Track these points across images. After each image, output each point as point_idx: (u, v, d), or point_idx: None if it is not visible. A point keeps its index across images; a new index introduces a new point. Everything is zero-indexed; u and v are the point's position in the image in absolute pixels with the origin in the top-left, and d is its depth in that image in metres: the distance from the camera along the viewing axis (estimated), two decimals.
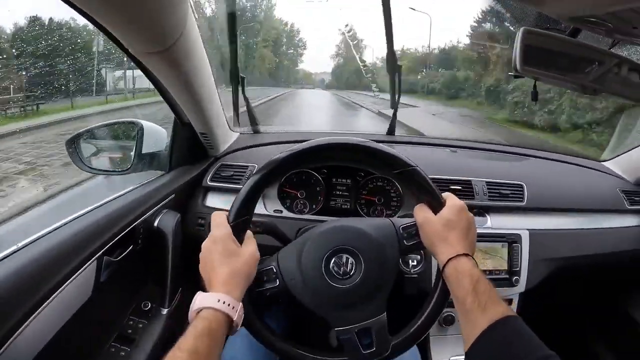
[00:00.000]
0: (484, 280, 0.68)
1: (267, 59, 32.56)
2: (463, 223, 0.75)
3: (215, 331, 0.61)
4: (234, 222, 0.73)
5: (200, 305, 0.64)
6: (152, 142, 1.15)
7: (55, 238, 0.74)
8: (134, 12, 0.63)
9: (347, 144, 0.79)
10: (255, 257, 0.73)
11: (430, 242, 0.75)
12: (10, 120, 3.23)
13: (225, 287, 0.66)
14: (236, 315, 0.65)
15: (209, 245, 0.72)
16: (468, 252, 0.72)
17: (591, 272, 1.37)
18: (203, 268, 0.71)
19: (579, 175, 1.45)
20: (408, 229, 0.78)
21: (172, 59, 0.80)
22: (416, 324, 0.77)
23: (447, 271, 0.71)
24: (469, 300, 0.65)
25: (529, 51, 0.77)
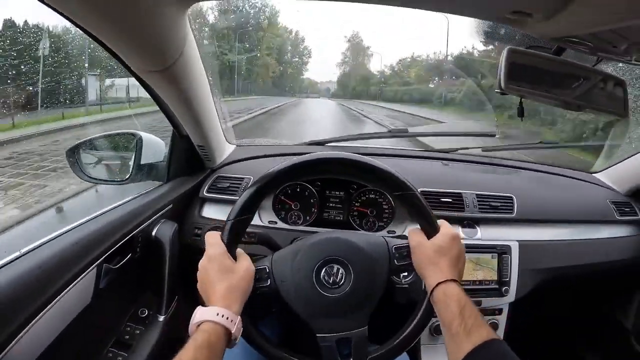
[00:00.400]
0: (470, 305, 0.70)
1: (271, 67, 31.42)
2: (454, 251, 0.78)
3: (214, 344, 0.64)
4: (228, 241, 0.77)
5: (200, 319, 0.67)
6: (151, 153, 1.17)
7: (58, 245, 0.76)
8: (136, 33, 0.67)
9: (347, 159, 0.82)
10: (250, 271, 0.76)
11: (421, 266, 0.78)
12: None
13: (223, 301, 0.69)
14: (234, 328, 0.68)
15: (205, 264, 0.75)
16: (456, 279, 0.75)
17: (581, 282, 1.40)
18: (201, 286, 0.75)
19: (569, 187, 1.48)
20: (400, 249, 0.81)
21: (172, 77, 0.83)
22: (395, 340, 0.79)
23: (436, 295, 0.74)
24: (456, 323, 0.68)
25: (514, 69, 0.80)
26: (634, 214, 1.40)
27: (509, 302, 1.20)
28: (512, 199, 1.28)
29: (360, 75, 35.02)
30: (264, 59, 30.50)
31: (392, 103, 21.79)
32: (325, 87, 38.94)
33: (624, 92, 0.85)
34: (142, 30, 0.66)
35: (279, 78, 33.30)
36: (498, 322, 1.21)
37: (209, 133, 1.14)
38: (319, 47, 52.08)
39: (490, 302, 1.18)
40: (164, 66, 0.77)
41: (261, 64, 30.02)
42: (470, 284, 1.15)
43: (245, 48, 24.40)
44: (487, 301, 1.17)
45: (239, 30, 22.97)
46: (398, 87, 27.21)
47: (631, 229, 1.39)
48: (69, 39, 3.39)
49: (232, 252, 0.77)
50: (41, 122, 3.70)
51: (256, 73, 29.44)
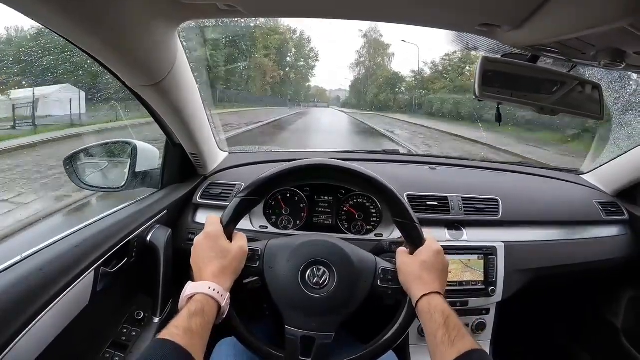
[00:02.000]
0: (454, 317, 0.73)
1: (269, 70, 25.62)
2: (438, 266, 0.82)
3: (207, 313, 0.69)
4: (227, 220, 0.82)
5: (192, 291, 0.72)
6: (146, 161, 1.21)
7: (58, 249, 0.80)
8: (128, 50, 0.71)
9: (359, 173, 0.87)
10: (244, 251, 0.81)
11: (407, 280, 0.82)
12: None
13: (215, 278, 0.75)
14: (224, 302, 0.73)
15: (202, 240, 0.80)
16: (440, 292, 0.79)
17: (568, 282, 1.42)
18: (194, 260, 0.79)
19: (555, 188, 1.51)
20: (386, 272, 0.85)
21: (164, 91, 0.87)
22: (378, 341, 0.83)
23: (420, 306, 0.77)
24: (440, 334, 0.71)
25: (489, 77, 0.83)
26: (621, 214, 1.43)
27: (496, 302, 1.23)
28: (497, 201, 1.31)
29: (382, 79, 28.51)
30: (259, 59, 24.79)
31: (423, 117, 17.92)
32: (335, 95, 34.65)
33: (600, 95, 0.89)
34: (134, 47, 0.70)
35: (279, 84, 28.07)
36: (485, 322, 1.24)
37: (201, 142, 1.18)
38: (329, 49, 48.44)
39: (478, 302, 1.21)
40: (155, 81, 0.81)
41: (255, 66, 24.23)
42: (457, 284, 1.18)
43: (233, 45, 17.37)
44: (474, 301, 1.20)
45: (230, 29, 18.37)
46: (441, 95, 19.41)
47: (617, 228, 1.42)
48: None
49: (229, 232, 0.82)
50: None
51: (249, 77, 24.17)
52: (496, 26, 0.74)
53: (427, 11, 0.73)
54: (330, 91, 36.01)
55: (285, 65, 29.77)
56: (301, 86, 32.38)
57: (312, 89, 34.18)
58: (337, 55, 61.18)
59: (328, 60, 51.80)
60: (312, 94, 34.06)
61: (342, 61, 63.37)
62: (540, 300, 1.52)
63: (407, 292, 0.82)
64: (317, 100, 33.86)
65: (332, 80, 68.77)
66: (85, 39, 0.66)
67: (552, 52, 0.83)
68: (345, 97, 33.66)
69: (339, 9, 0.74)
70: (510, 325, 1.29)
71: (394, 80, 27.53)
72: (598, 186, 1.54)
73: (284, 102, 27.33)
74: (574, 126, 6.40)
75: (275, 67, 26.92)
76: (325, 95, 35.92)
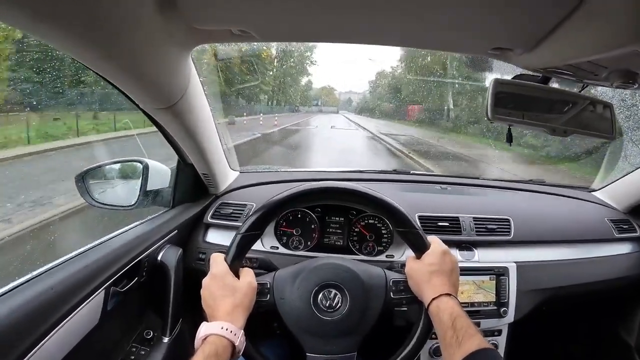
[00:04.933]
0: (462, 317, 0.73)
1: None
2: (446, 266, 0.83)
3: (221, 355, 0.69)
4: (232, 258, 0.82)
5: (206, 332, 0.72)
6: (157, 180, 1.22)
7: (69, 268, 0.80)
8: (143, 74, 0.72)
9: (353, 190, 0.88)
10: (253, 286, 0.81)
11: (417, 287, 0.82)
12: None
13: (228, 317, 0.75)
14: (238, 341, 0.73)
15: (209, 281, 0.80)
16: (450, 292, 0.78)
17: (581, 301, 1.40)
18: (205, 303, 0.79)
19: (566, 206, 1.49)
20: (398, 283, 0.86)
21: (177, 113, 0.88)
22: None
23: (431, 310, 0.77)
24: (449, 335, 0.71)
25: (500, 99, 0.84)
26: (633, 231, 1.41)
27: (508, 323, 1.21)
28: (509, 221, 1.30)
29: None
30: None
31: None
32: (345, 97, 26.71)
33: (611, 114, 0.89)
34: (148, 71, 0.71)
35: (264, 84, 19.64)
36: (498, 343, 1.22)
37: (213, 162, 1.19)
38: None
39: (490, 324, 1.19)
40: (169, 104, 0.82)
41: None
42: (469, 305, 1.16)
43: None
44: (487, 322, 1.19)
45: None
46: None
47: (631, 246, 1.40)
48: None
49: (235, 269, 0.82)
50: None
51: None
52: (508, 50, 0.75)
53: (442, 36, 0.74)
54: (340, 93, 28.45)
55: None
56: (295, 82, 23.36)
57: (312, 87, 25.06)
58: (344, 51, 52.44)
59: (332, 55, 44.54)
60: (313, 95, 25.42)
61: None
62: (552, 320, 1.49)
63: (419, 297, 0.82)
64: (322, 103, 25.99)
65: (340, 82, 58.17)
66: (99, 63, 0.67)
67: (563, 74, 0.83)
68: (357, 100, 24.46)
69: (351, 34, 0.76)
70: (523, 346, 1.27)
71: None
72: (610, 203, 1.53)
73: (276, 109, 21.15)
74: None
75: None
76: (333, 96, 27.60)
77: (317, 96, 26.34)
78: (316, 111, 24.40)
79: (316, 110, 24.90)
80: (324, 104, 26.65)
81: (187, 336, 1.12)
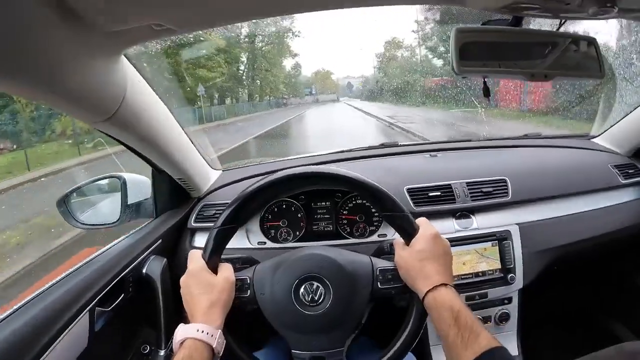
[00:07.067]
0: (465, 312, 0.67)
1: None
2: (437, 251, 0.76)
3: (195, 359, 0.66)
4: (210, 254, 0.79)
5: (182, 336, 0.69)
6: (137, 192, 1.18)
7: (48, 297, 0.77)
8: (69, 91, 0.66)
9: (333, 174, 0.83)
10: (230, 281, 0.78)
11: (408, 276, 0.76)
12: None
13: (204, 317, 0.72)
14: (215, 343, 0.69)
15: (186, 279, 0.78)
16: (446, 282, 0.72)
17: (592, 255, 1.33)
18: (185, 301, 0.77)
19: (566, 157, 1.43)
20: (385, 272, 0.80)
21: (120, 123, 0.82)
22: (392, 349, 0.78)
23: (427, 303, 0.71)
24: (452, 334, 0.65)
25: (466, 50, 0.77)
26: (639, 175, 1.34)
27: (518, 289, 1.15)
28: (505, 181, 1.23)
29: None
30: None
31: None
32: (346, 82, 21.73)
33: (596, 51, 0.82)
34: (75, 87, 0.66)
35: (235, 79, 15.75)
36: (509, 312, 1.17)
37: (186, 165, 1.14)
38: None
39: (498, 292, 1.13)
40: (107, 115, 0.77)
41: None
42: (474, 276, 1.11)
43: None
44: (494, 292, 1.13)
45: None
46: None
47: (638, 190, 1.32)
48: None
49: (213, 265, 0.79)
50: None
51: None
52: None
53: None
54: (338, 79, 22.92)
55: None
56: (274, 66, 18.02)
57: (301, 72, 19.29)
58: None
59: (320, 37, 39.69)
60: (304, 82, 19.69)
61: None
62: (566, 280, 1.43)
63: (412, 288, 0.76)
64: (318, 90, 20.43)
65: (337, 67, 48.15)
66: (20, 89, 0.62)
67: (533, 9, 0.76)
68: (356, 84, 19.12)
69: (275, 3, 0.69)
70: (537, 310, 1.21)
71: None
72: (611, 148, 1.45)
73: (245, 107, 16.72)
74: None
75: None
76: (331, 81, 21.91)
77: (309, 83, 21.35)
78: (311, 102, 19.70)
79: (311, 100, 19.87)
80: (319, 91, 21.59)
81: None
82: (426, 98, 13.11)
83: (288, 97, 19.12)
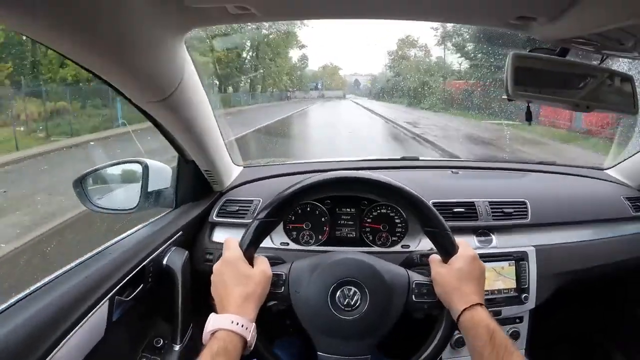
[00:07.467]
0: (500, 332, 0.69)
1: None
2: (476, 273, 0.77)
3: (230, 352, 0.64)
4: (247, 244, 0.77)
5: (214, 327, 0.67)
6: (158, 180, 1.16)
7: (69, 281, 0.76)
8: (132, 66, 0.66)
9: (384, 183, 0.83)
10: (267, 275, 0.76)
11: (444, 292, 0.77)
12: None
13: (238, 309, 0.69)
14: (249, 336, 0.68)
15: (221, 267, 0.75)
16: (482, 302, 0.74)
17: (602, 283, 1.36)
18: (215, 289, 0.74)
19: (581, 186, 1.45)
20: (421, 286, 0.80)
21: (172, 106, 0.82)
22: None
23: (463, 321, 0.72)
24: (487, 352, 0.66)
25: (519, 74, 0.79)
26: None
27: (529, 309, 1.17)
28: (525, 204, 1.25)
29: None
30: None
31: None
32: (353, 79, 20.84)
33: (632, 88, 0.84)
34: (138, 61, 0.66)
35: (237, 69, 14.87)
36: (519, 330, 1.18)
37: (215, 157, 1.13)
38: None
39: (511, 311, 1.15)
40: (163, 96, 0.76)
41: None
42: (490, 293, 1.12)
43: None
44: (508, 310, 1.14)
45: None
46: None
47: None
48: None
49: (249, 256, 0.77)
50: None
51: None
52: (532, 19, 0.70)
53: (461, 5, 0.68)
54: (345, 76, 21.58)
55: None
56: (279, 56, 17.00)
57: (308, 65, 18.04)
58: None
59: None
60: (310, 76, 18.62)
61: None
62: (574, 304, 1.46)
63: (446, 305, 0.77)
64: (324, 85, 19.55)
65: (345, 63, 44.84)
66: (86, 56, 0.61)
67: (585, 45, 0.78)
68: (364, 83, 17.85)
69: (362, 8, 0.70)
70: (545, 332, 1.23)
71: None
72: (623, 181, 1.49)
73: (242, 99, 15.68)
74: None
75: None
76: (337, 77, 20.71)
77: (316, 77, 20.13)
78: (316, 97, 18.40)
79: (316, 95, 18.68)
80: (326, 87, 20.33)
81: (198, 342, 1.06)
82: (449, 103, 11.66)
83: (292, 90, 18.38)
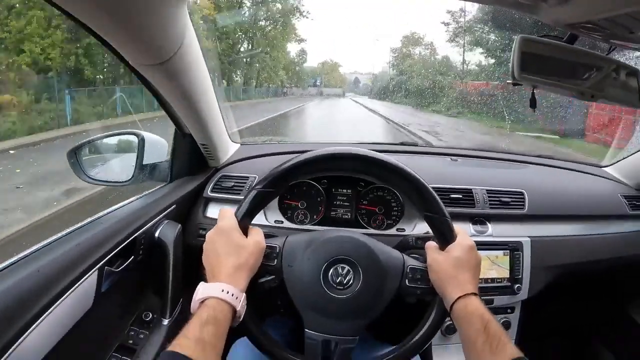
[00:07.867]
0: (494, 322, 0.68)
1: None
2: (472, 262, 0.77)
3: (220, 320, 0.63)
4: (243, 214, 0.76)
5: (204, 294, 0.66)
6: (153, 153, 1.15)
7: (57, 249, 0.74)
8: (133, 25, 0.64)
9: (386, 163, 0.81)
10: (260, 247, 0.75)
11: (439, 279, 0.76)
12: None
13: (229, 278, 0.68)
14: (239, 306, 0.67)
15: (214, 236, 0.74)
16: (476, 292, 0.73)
17: (594, 278, 1.37)
18: (206, 258, 0.73)
19: (579, 181, 1.45)
20: (415, 271, 0.79)
21: (171, 71, 0.80)
22: (407, 344, 0.78)
23: (457, 310, 0.72)
24: (480, 341, 0.66)
25: (526, 59, 0.77)
26: None
27: (521, 300, 1.17)
28: (523, 195, 1.25)
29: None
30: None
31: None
32: (353, 77, 20.51)
33: (638, 82, 0.83)
34: (139, 21, 0.63)
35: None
36: (510, 320, 1.19)
37: (212, 131, 1.12)
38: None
39: (503, 301, 1.15)
40: (162, 59, 0.74)
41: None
42: (483, 282, 1.12)
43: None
44: (500, 299, 1.15)
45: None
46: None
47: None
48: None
49: (244, 227, 0.76)
50: None
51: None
52: None
53: None
54: (345, 74, 21.14)
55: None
56: (276, 49, 16.34)
57: (306, 60, 17.69)
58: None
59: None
60: (309, 72, 18.41)
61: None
62: (565, 297, 1.46)
63: (440, 292, 0.76)
64: (323, 82, 19.18)
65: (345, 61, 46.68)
66: (84, 10, 0.59)
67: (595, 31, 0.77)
68: (364, 82, 17.32)
69: None
70: (536, 324, 1.24)
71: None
72: (621, 179, 1.48)
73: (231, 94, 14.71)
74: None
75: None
76: (337, 74, 20.28)
77: (314, 73, 19.68)
78: (314, 94, 18.14)
79: (315, 92, 18.45)
80: (325, 84, 19.84)
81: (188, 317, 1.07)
82: (466, 107, 10.10)
83: (289, 86, 17.83)
